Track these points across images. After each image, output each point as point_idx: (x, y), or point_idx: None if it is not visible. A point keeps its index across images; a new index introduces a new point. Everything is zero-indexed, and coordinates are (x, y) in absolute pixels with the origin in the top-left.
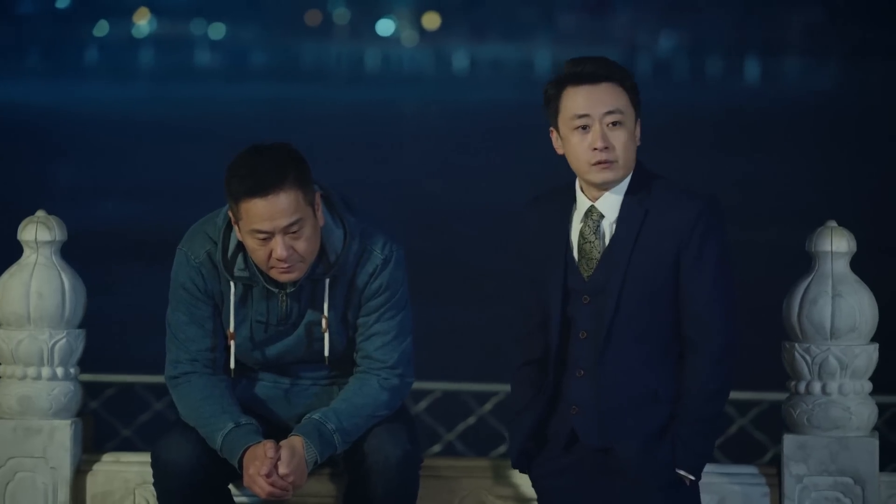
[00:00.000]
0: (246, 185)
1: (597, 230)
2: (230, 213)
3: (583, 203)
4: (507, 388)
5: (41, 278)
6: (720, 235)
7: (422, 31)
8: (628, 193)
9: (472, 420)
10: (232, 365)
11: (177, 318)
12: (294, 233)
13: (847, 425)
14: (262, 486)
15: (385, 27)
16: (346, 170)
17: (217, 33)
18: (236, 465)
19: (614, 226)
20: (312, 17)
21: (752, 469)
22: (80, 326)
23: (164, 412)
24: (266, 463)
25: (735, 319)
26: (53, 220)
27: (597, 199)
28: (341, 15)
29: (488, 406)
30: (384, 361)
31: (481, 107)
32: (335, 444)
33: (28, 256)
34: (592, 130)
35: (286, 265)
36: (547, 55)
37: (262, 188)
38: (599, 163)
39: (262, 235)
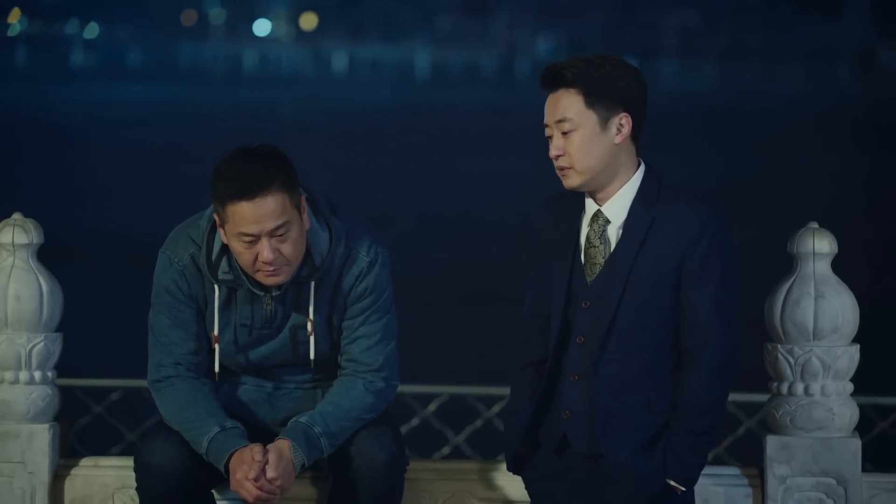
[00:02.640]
0: (233, 187)
1: (602, 235)
2: (215, 216)
3: (590, 206)
4: (448, 389)
5: (19, 281)
6: (726, 248)
7: (299, 32)
8: (636, 198)
9: (415, 422)
10: (216, 368)
11: (160, 322)
12: (280, 236)
13: (830, 426)
14: (249, 491)
15: (262, 27)
16: None
17: (91, 33)
18: (222, 469)
19: (620, 231)
20: (188, 17)
21: (734, 470)
22: (57, 330)
23: (103, 415)
24: (254, 467)
25: (735, 333)
26: (30, 223)
27: (603, 203)
28: (217, 15)
29: (432, 407)
30: (370, 364)
31: (361, 107)
32: (322, 448)
33: (5, 260)
34: (552, 139)
35: (272, 268)
36: (426, 56)
37: (249, 191)
38: (559, 170)
39: (248, 238)
